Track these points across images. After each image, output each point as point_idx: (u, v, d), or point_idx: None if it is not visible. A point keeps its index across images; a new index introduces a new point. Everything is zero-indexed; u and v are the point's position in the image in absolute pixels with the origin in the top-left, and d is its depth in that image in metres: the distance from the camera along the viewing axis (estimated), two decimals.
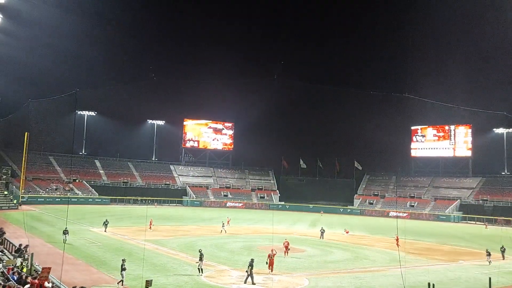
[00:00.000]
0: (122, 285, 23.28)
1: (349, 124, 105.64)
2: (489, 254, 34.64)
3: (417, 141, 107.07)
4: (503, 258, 36.26)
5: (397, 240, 41.01)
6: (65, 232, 35.40)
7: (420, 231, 60.40)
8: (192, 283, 24.90)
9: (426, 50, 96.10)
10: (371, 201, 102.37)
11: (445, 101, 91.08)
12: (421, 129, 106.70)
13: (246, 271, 25.07)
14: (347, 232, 52.70)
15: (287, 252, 34.39)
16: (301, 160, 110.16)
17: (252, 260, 25.59)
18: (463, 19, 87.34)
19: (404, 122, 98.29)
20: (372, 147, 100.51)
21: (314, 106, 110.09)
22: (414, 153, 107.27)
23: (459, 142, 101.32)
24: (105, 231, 44.61)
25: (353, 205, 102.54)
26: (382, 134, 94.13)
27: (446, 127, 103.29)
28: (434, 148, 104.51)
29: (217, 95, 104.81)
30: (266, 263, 28.39)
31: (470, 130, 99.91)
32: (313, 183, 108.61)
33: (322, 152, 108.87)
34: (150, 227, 47.05)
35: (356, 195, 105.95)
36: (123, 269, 23.75)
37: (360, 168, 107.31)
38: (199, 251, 28.25)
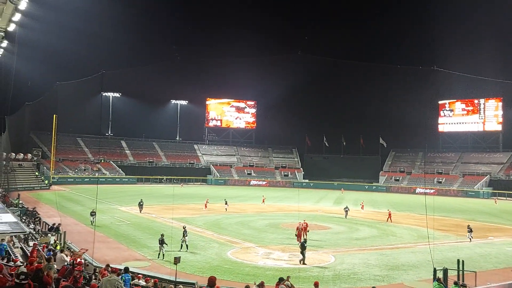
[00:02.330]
0: (163, 258, 24.40)
1: (374, 100, 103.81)
2: None
3: (444, 115, 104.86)
4: None
5: (389, 215, 43.10)
6: (93, 213, 35.56)
7: (448, 207, 59.52)
8: (219, 259, 25.27)
9: (454, 20, 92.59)
10: (397, 178, 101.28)
11: (474, 74, 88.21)
12: (449, 103, 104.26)
13: (301, 253, 24.73)
14: (362, 207, 51.95)
15: (306, 234, 31.33)
16: (324, 137, 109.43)
17: (305, 241, 25.33)
18: None
19: (431, 97, 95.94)
20: (398, 123, 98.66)
21: (338, 82, 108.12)
22: (441, 128, 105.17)
23: (489, 116, 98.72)
24: (140, 211, 44.61)
25: (378, 182, 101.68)
26: (408, 109, 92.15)
27: (475, 101, 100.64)
28: (462, 123, 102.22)
29: (239, 73, 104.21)
30: (295, 235, 30.09)
31: (501, 103, 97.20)
32: (338, 161, 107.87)
33: (346, 129, 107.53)
34: (206, 206, 48.49)
35: (381, 171, 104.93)
36: (162, 243, 25.15)
37: (385, 145, 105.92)
38: (183, 228, 28.51)
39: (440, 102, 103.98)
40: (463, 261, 20.58)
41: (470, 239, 33.13)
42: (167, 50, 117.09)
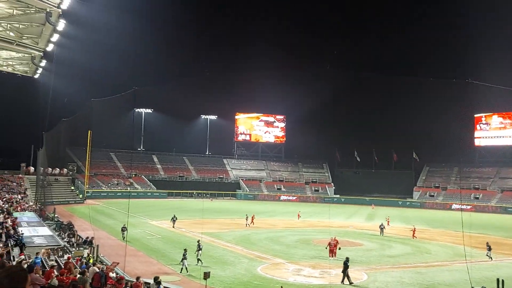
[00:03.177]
0: (186, 271, 24.55)
1: (407, 114, 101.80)
2: None
3: (481, 129, 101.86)
4: None
5: (413, 231, 41.74)
6: (124, 229, 35.62)
7: (486, 224, 57.49)
8: (249, 275, 25.05)
9: (489, 31, 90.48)
10: (432, 193, 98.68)
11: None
12: (485, 116, 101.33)
13: (342, 271, 23.95)
14: (388, 223, 49.72)
15: (335, 253, 30.27)
16: (355, 152, 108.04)
17: (347, 259, 24.32)
18: None
19: (466, 110, 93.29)
20: (432, 137, 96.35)
21: (369, 96, 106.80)
22: (478, 142, 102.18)
23: None
24: (173, 227, 44.27)
25: (412, 197, 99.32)
26: (443, 123, 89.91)
27: None
28: (500, 137, 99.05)
29: (268, 88, 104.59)
30: (326, 248, 30.52)
31: None
32: (369, 175, 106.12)
33: (378, 143, 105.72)
34: (253, 222, 47.95)
35: (415, 187, 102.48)
36: (184, 258, 25.04)
37: (418, 159, 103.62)
38: (198, 242, 28.47)
39: (476, 115, 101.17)
40: (503, 280, 19.69)
41: (491, 257, 31.51)
42: (196, 66, 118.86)
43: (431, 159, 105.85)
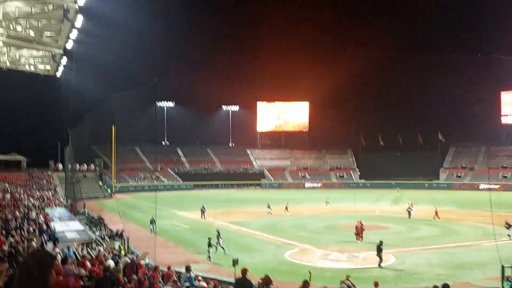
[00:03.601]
0: (209, 260, 25.05)
1: (431, 94, 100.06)
2: None
3: (508, 106, 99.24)
4: None
5: (436, 213, 41.39)
6: (152, 221, 36.04)
7: None
8: (276, 261, 25.35)
9: None
10: (459, 174, 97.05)
11: None
12: None
13: (377, 255, 23.84)
14: (411, 205, 48.57)
15: (361, 237, 30.83)
16: (380, 136, 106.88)
17: (381, 243, 24.00)
18: None
19: (492, 87, 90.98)
20: (458, 117, 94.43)
21: (392, 78, 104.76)
22: (505, 120, 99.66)
23: None
24: (202, 217, 44.25)
25: (439, 179, 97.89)
26: (468, 101, 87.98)
27: None
28: None
29: (289, 75, 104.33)
30: (355, 233, 30.64)
31: None
32: (395, 159, 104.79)
33: (402, 126, 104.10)
34: (287, 210, 48.01)
35: (442, 168, 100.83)
36: (209, 245, 25.61)
37: (443, 140, 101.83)
38: (217, 230, 28.73)
39: (503, 92, 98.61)
40: None
41: (509, 236, 30.71)
42: (215, 56, 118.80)
43: (457, 140, 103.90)
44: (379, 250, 23.71)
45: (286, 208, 48.48)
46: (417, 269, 23.29)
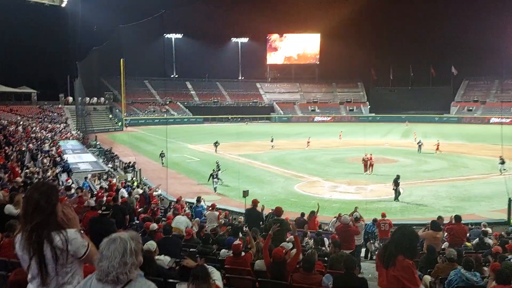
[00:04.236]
0: (215, 191, 26.14)
1: (444, 25, 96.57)
2: None
3: None
4: None
5: (437, 146, 41.70)
6: (162, 155, 36.29)
7: None
8: (286, 193, 25.88)
9: None
10: (470, 108, 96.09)
11: None
12: None
13: (393, 189, 23.90)
14: (415, 139, 48.11)
15: (371, 168, 31.54)
16: (391, 70, 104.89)
17: (398, 177, 23.89)
18: None
19: (505, 17, 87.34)
20: (471, 49, 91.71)
21: (404, 8, 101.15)
22: None
23: None
24: (215, 151, 43.83)
25: (449, 113, 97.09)
26: (482, 33, 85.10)
27: None
28: None
29: (300, 6, 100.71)
30: (364, 165, 31.24)
31: None
32: (406, 93, 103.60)
33: (414, 59, 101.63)
34: (308, 144, 47.90)
35: (453, 102, 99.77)
36: (214, 177, 26.97)
37: (456, 73, 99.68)
38: (216, 162, 29.12)
39: None
40: None
41: (501, 171, 30.17)
42: None
43: (470, 73, 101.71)
44: (396, 183, 23.71)
45: (308, 143, 48.08)
46: (424, 201, 23.69)
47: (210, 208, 15.07)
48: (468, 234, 12.92)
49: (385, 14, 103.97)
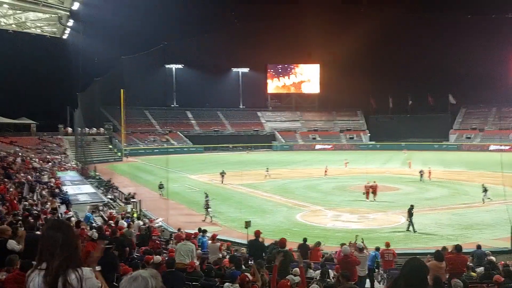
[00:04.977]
0: (210, 221, 26.06)
1: (442, 54, 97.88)
2: None
3: None
4: None
5: (429, 173, 42.25)
6: (161, 186, 36.03)
7: None
8: (288, 222, 25.67)
9: None
10: (469, 135, 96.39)
11: None
12: None
13: (407, 219, 23.64)
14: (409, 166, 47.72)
15: (375, 195, 32.02)
16: (390, 98, 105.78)
17: (411, 207, 23.50)
18: None
19: (504, 48, 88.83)
20: (469, 78, 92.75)
21: (402, 38, 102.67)
22: None
23: None
24: (222, 182, 42.86)
25: (448, 140, 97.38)
26: (479, 62, 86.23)
27: None
28: None
29: (300, 37, 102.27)
30: (363, 193, 31.56)
31: None
32: (405, 120, 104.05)
33: (413, 87, 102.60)
34: (326, 173, 46.86)
35: (452, 130, 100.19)
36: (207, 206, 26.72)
37: (454, 102, 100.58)
38: (205, 193, 28.87)
39: None
40: None
41: (484, 200, 29.83)
42: (225, 17, 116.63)
43: (468, 101, 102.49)
44: (410, 214, 23.30)
45: (326, 172, 47.05)
46: (427, 230, 23.50)
47: (211, 240, 14.92)
48: (471, 263, 12.80)
49: (384, 45, 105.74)
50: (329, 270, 11.93)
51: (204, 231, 17.15)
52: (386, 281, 13.27)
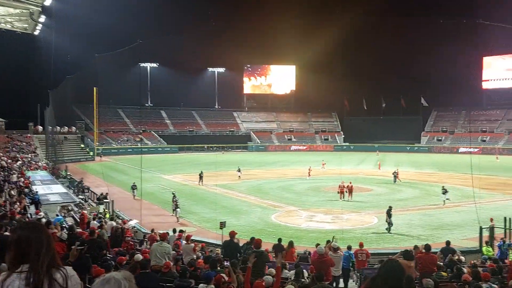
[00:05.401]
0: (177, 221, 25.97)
1: (414, 58, 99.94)
2: None
3: (489, 71, 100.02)
4: None
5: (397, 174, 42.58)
6: (134, 187, 35.53)
7: (493, 166, 57.72)
8: (262, 223, 25.72)
9: None
10: (440, 138, 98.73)
11: None
12: (494, 58, 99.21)
13: (386, 221, 23.78)
14: (379, 168, 49.30)
15: (351, 195, 32.89)
16: (364, 100, 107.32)
17: (390, 208, 23.90)
18: None
19: (474, 52, 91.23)
20: (440, 81, 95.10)
21: (376, 42, 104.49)
22: (485, 85, 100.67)
23: None
24: (200, 183, 41.73)
25: (420, 142, 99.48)
26: (451, 66, 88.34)
27: None
28: (508, 79, 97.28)
29: (276, 37, 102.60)
30: (338, 192, 32.34)
31: None
32: (378, 122, 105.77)
33: (386, 90, 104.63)
34: (309, 174, 46.85)
35: (423, 132, 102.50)
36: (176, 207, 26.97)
37: (426, 104, 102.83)
38: (172, 193, 29.28)
39: (484, 58, 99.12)
40: (510, 218, 20.08)
41: (444, 201, 30.89)
42: (202, 17, 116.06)
43: (439, 104, 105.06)
44: (389, 215, 23.67)
45: (309, 173, 47.04)
46: (398, 230, 23.90)
47: (185, 240, 14.81)
48: (442, 263, 13.10)
49: (358, 47, 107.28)
50: (303, 270, 12.01)
51: (180, 231, 17.03)
52: (360, 281, 13.44)
